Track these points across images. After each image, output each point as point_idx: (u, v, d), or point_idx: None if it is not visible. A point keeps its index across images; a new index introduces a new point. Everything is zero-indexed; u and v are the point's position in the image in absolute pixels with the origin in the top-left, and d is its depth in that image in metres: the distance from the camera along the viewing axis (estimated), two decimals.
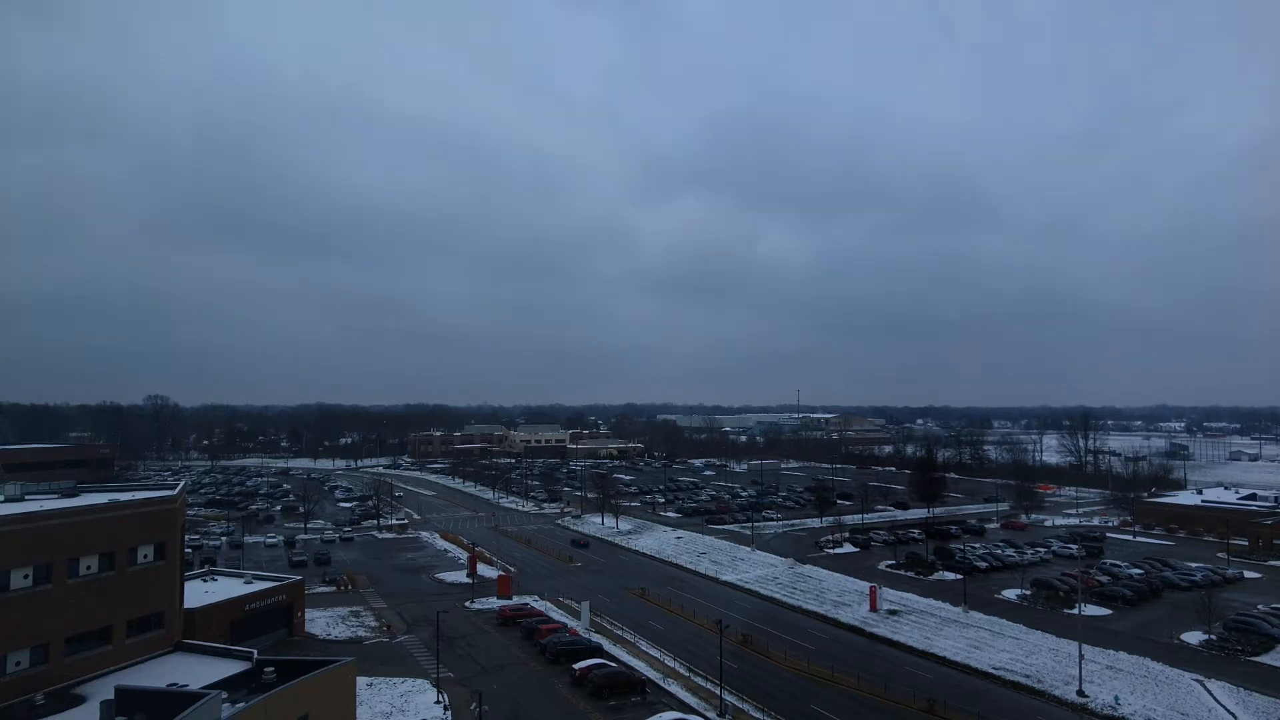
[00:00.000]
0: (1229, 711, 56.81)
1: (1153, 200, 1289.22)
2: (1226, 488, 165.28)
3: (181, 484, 65.56)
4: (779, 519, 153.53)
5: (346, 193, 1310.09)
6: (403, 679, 64.03)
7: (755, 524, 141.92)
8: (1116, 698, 58.87)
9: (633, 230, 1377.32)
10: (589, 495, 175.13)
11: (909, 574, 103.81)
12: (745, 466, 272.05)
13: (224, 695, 40.25)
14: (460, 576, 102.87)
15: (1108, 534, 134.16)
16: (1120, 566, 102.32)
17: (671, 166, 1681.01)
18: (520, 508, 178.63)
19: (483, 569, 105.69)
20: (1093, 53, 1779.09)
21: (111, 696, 40.41)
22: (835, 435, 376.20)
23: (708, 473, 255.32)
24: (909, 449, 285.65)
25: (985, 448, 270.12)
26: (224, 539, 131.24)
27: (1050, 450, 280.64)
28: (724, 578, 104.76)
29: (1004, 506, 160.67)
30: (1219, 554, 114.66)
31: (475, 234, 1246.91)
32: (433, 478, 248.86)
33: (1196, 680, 62.86)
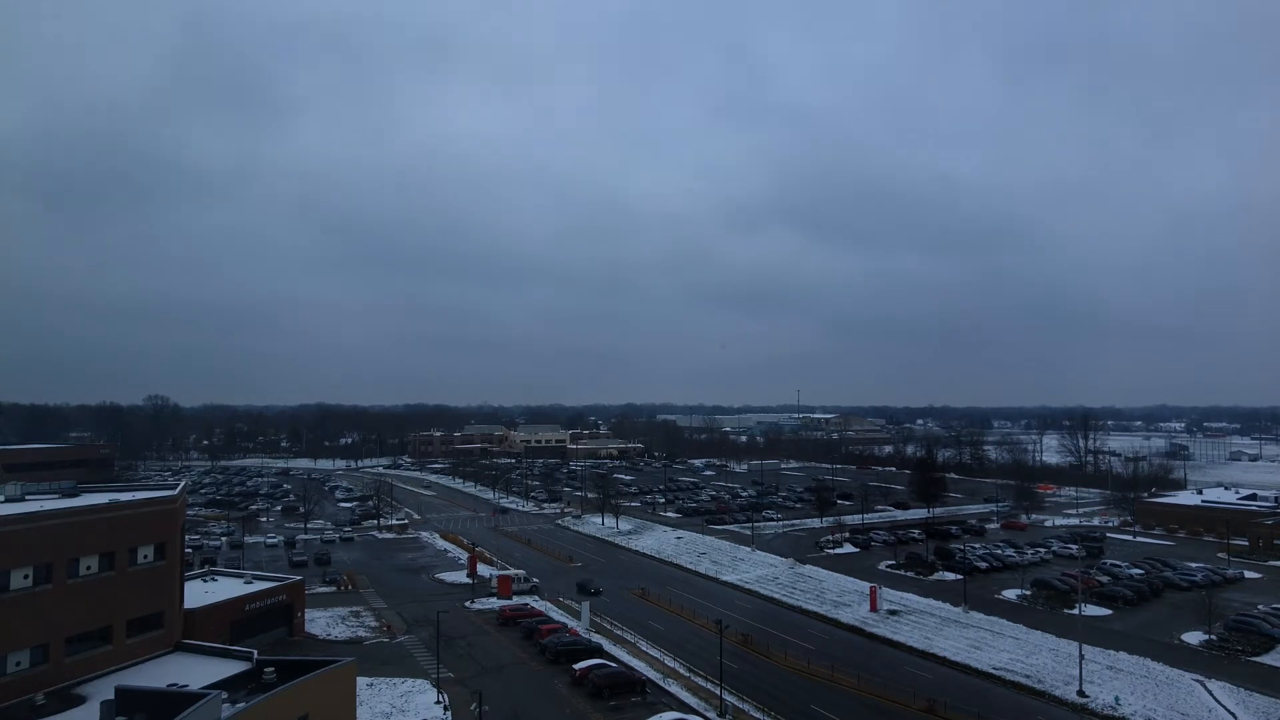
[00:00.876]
0: (1229, 712, 56.81)
1: (1153, 199, 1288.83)
2: (1227, 488, 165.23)
3: (181, 484, 65.64)
4: (779, 519, 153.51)
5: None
6: (403, 679, 64.03)
7: (755, 524, 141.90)
8: (1117, 698, 58.87)
9: (636, 231, 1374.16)
10: (589, 495, 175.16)
11: (909, 574, 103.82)
12: (745, 467, 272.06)
13: (224, 695, 40.24)
14: (460, 576, 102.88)
15: (1108, 534, 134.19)
16: (1120, 566, 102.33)
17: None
18: (520, 508, 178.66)
19: (483, 569, 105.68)
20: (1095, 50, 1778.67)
21: (112, 696, 40.41)
22: (835, 435, 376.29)
23: (708, 473, 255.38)
24: (909, 449, 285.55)
25: (985, 448, 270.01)
26: (224, 539, 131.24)
27: (1050, 450, 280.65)
28: (724, 578, 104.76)
29: (1004, 506, 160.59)
30: (1219, 554, 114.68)
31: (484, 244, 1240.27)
32: (433, 478, 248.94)
33: (1197, 680, 62.86)
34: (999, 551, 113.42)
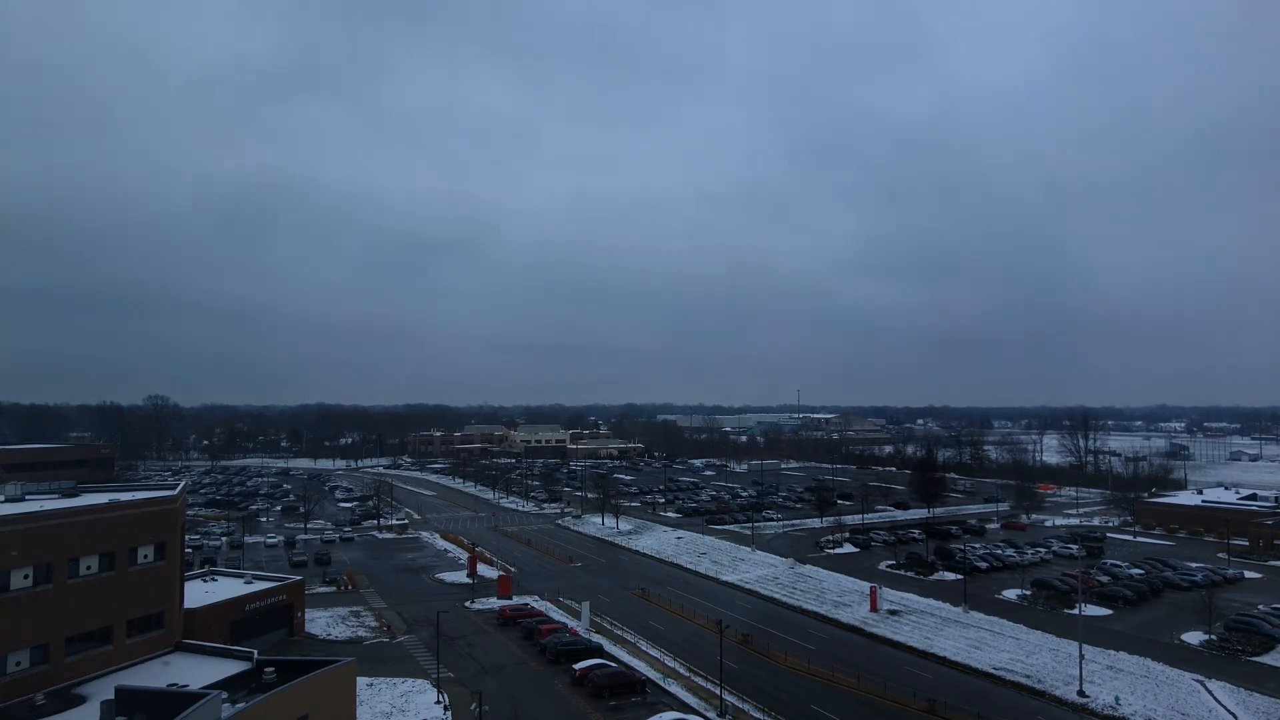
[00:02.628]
0: (1229, 712, 56.78)
1: (1153, 198, 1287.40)
2: (1227, 488, 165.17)
3: (181, 484, 65.59)
4: (779, 519, 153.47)
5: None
6: (403, 679, 64.00)
7: (755, 524, 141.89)
8: (1117, 698, 58.85)
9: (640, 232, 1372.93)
10: (589, 495, 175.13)
11: (909, 574, 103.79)
12: (745, 467, 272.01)
13: (224, 695, 40.23)
14: (460, 577, 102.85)
15: (1108, 534, 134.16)
16: (1121, 566, 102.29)
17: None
18: (520, 508, 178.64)
19: (483, 569, 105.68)
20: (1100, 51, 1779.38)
21: (111, 696, 40.43)
22: (835, 435, 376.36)
23: (708, 473, 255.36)
24: (909, 449, 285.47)
25: (985, 448, 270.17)
26: (224, 539, 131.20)
27: (1050, 450, 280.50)
28: (724, 578, 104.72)
29: (1004, 506, 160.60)
30: (1219, 554, 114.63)
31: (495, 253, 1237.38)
32: (433, 478, 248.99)
33: (1197, 680, 62.82)
34: (999, 551, 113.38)
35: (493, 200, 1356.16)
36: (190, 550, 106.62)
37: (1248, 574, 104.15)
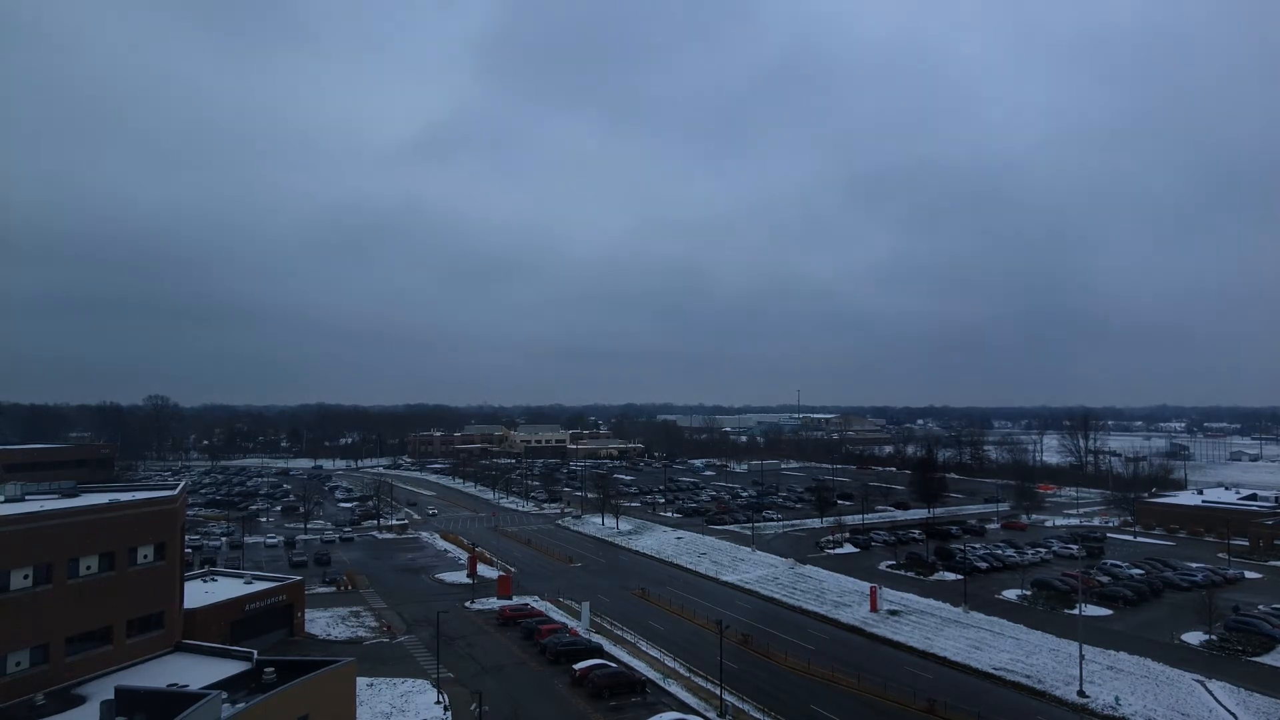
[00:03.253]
0: (1230, 712, 56.76)
1: (1153, 198, 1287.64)
2: (1227, 488, 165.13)
3: (181, 484, 65.60)
4: (779, 519, 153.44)
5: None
6: (403, 679, 63.98)
7: (755, 524, 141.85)
8: (1117, 698, 58.84)
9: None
10: (589, 495, 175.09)
11: (909, 574, 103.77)
12: (745, 467, 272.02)
13: (224, 695, 40.23)
14: (460, 577, 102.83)
15: (1108, 534, 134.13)
16: (1121, 567, 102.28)
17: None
18: (520, 508, 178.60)
19: (483, 569, 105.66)
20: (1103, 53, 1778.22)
21: (111, 697, 40.42)
22: (835, 435, 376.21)
23: (708, 473, 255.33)
24: (909, 449, 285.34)
25: (985, 448, 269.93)
26: (224, 539, 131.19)
27: (1050, 450, 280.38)
28: (724, 578, 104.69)
29: (1004, 507, 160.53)
30: (1219, 554, 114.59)
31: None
32: (433, 478, 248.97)
33: (1197, 680, 62.82)
34: (999, 552, 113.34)
35: (546, 225, 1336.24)
36: (190, 550, 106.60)
37: (1248, 574, 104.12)
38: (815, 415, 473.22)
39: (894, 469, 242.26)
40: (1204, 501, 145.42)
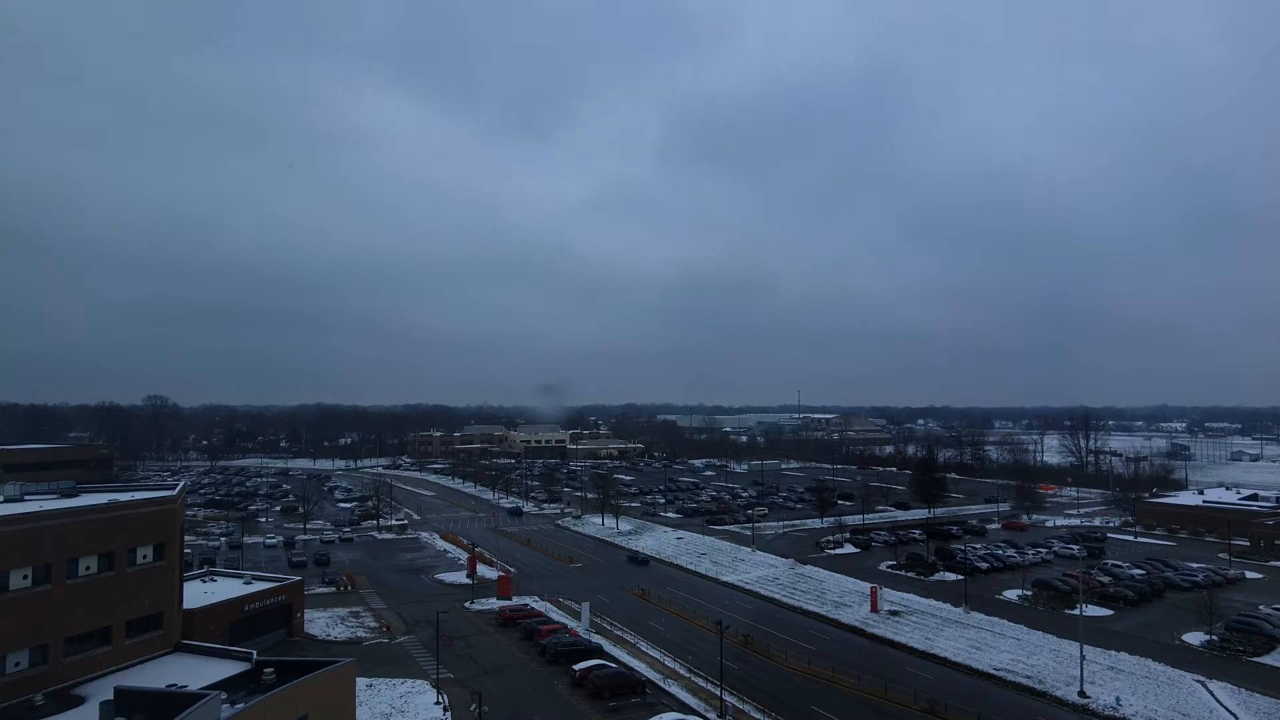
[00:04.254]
0: (1230, 712, 56.68)
1: (1154, 197, 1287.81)
2: (1228, 488, 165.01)
3: (181, 484, 65.47)
4: (780, 520, 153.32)
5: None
6: (402, 680, 63.91)
7: (756, 524, 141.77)
8: (1118, 698, 58.76)
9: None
10: (589, 496, 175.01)
11: (910, 574, 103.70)
12: (746, 467, 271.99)
13: (223, 696, 40.16)
14: (460, 577, 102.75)
15: (1109, 534, 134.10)
16: (1121, 567, 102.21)
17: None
18: (521, 508, 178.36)
19: (482, 569, 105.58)
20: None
21: (111, 697, 40.28)
22: (836, 435, 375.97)
23: (708, 473, 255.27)
24: (910, 449, 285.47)
25: (986, 448, 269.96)
26: (223, 539, 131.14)
27: (1051, 450, 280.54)
28: (724, 578, 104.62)
29: (1005, 507, 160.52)
30: (1220, 554, 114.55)
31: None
32: (432, 478, 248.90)
33: (1198, 681, 62.74)
34: (1000, 552, 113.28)
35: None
36: (189, 551, 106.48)
37: (1249, 574, 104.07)
38: (815, 415, 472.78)
39: (894, 469, 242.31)
40: (1205, 502, 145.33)
